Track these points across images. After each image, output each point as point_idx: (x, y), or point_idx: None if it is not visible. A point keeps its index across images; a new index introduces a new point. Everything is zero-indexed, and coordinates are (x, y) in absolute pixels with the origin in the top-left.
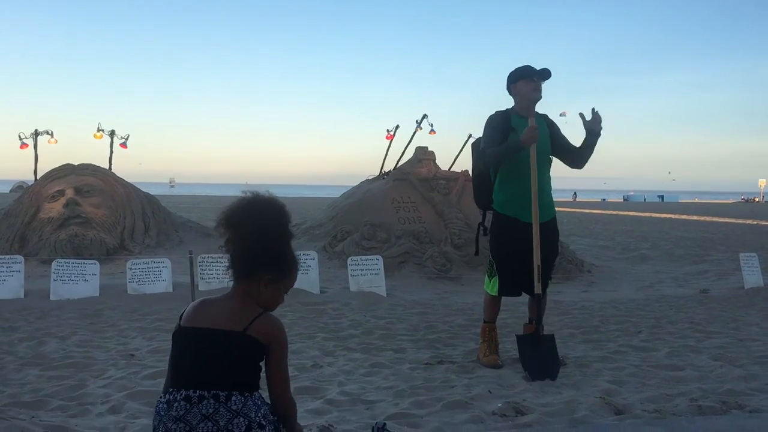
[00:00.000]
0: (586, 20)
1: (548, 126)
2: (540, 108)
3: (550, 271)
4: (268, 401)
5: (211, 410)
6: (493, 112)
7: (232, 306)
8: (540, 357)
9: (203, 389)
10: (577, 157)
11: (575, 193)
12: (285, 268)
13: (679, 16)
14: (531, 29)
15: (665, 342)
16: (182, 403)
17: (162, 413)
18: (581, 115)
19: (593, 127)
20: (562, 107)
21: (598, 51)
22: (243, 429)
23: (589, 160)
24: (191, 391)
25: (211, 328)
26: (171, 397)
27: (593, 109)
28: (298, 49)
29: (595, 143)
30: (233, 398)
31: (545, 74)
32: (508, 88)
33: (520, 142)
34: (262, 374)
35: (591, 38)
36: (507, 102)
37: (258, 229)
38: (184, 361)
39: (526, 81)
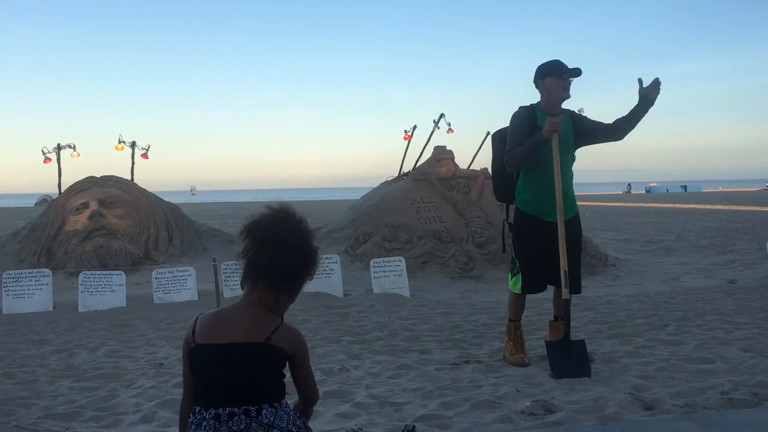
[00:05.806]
0: (604, 11)
1: (572, 122)
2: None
3: (577, 268)
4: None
5: (242, 426)
6: (518, 108)
7: (247, 316)
8: (570, 363)
9: (233, 406)
10: (619, 126)
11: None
12: (299, 286)
13: (696, 4)
14: (547, 23)
15: (693, 335)
16: (211, 422)
17: None
18: (639, 80)
19: (648, 95)
20: (578, 100)
21: (615, 41)
22: None
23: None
24: (220, 409)
25: (231, 343)
26: (200, 416)
27: (657, 79)
28: (314, 53)
29: (645, 111)
30: (264, 411)
31: (576, 73)
32: (536, 82)
33: (542, 137)
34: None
35: (610, 28)
36: (524, 98)
37: (291, 248)
38: (208, 379)
39: (556, 78)
